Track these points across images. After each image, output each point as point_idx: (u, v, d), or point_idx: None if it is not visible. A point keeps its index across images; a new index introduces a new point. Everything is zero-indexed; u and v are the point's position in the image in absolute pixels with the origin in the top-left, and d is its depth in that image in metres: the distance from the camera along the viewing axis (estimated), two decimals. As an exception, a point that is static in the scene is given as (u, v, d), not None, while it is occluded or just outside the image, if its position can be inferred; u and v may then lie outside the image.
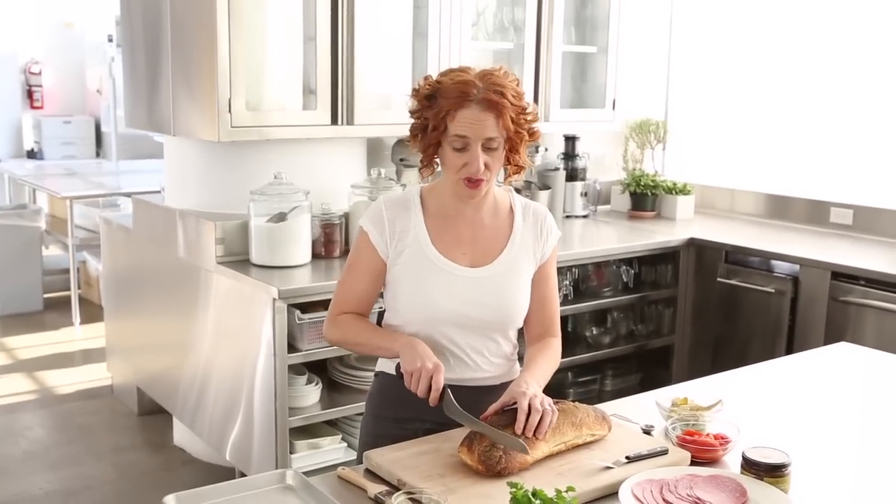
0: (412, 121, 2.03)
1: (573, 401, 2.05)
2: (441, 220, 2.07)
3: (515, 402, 1.86)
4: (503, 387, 2.00)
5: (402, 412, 2.08)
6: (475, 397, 2.01)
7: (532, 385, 1.91)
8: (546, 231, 2.13)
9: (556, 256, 2.17)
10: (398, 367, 1.96)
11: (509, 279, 2.07)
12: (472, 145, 1.93)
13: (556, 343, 2.16)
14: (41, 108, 9.23)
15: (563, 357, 4.05)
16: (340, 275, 2.15)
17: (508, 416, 1.84)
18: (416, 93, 2.01)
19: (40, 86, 9.24)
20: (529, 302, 2.12)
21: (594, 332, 4.28)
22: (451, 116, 1.93)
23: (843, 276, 3.76)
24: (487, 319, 2.06)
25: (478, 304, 2.04)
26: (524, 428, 1.80)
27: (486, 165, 1.95)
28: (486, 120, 1.92)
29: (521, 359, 2.18)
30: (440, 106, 1.94)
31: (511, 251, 2.09)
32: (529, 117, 2.00)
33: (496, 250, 2.08)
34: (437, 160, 2.02)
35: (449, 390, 1.90)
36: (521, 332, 2.18)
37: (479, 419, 1.85)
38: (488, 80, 1.94)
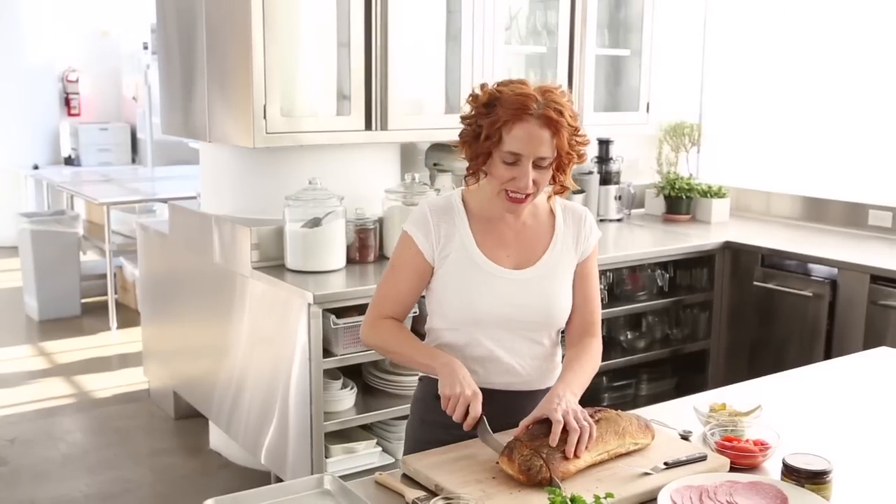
0: (462, 126, 1.99)
1: (609, 406, 2.03)
2: (484, 222, 2.06)
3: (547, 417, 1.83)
4: (545, 392, 1.99)
5: (448, 417, 2.01)
6: (516, 402, 2.01)
7: (565, 399, 1.87)
8: (587, 230, 2.12)
9: (595, 256, 2.15)
10: (436, 388, 1.94)
11: (553, 280, 2.07)
12: (523, 161, 1.90)
13: (596, 344, 2.12)
14: (78, 115, 9.38)
15: (597, 361, 4.05)
16: (382, 276, 2.14)
17: (542, 427, 1.81)
18: (473, 99, 1.97)
19: (77, 93, 9.38)
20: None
21: (629, 337, 4.26)
22: (508, 128, 1.89)
23: (882, 279, 3.71)
24: (531, 321, 2.06)
25: (522, 307, 2.04)
26: (565, 447, 1.76)
27: (534, 182, 1.92)
28: (543, 136, 1.89)
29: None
30: (498, 115, 1.89)
31: (553, 252, 2.08)
32: (581, 139, 1.97)
33: (539, 252, 2.07)
34: (484, 170, 1.98)
35: (485, 417, 1.89)
36: (562, 334, 2.17)
37: (514, 436, 1.82)
38: (548, 96, 1.91)
